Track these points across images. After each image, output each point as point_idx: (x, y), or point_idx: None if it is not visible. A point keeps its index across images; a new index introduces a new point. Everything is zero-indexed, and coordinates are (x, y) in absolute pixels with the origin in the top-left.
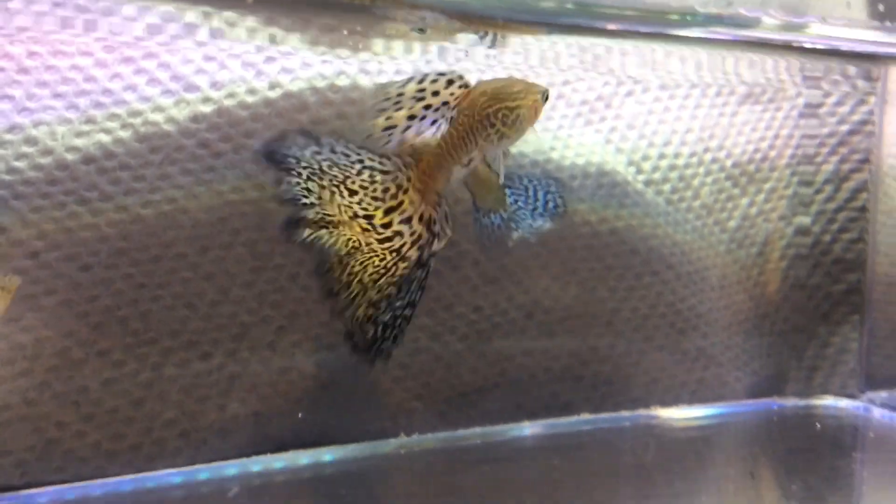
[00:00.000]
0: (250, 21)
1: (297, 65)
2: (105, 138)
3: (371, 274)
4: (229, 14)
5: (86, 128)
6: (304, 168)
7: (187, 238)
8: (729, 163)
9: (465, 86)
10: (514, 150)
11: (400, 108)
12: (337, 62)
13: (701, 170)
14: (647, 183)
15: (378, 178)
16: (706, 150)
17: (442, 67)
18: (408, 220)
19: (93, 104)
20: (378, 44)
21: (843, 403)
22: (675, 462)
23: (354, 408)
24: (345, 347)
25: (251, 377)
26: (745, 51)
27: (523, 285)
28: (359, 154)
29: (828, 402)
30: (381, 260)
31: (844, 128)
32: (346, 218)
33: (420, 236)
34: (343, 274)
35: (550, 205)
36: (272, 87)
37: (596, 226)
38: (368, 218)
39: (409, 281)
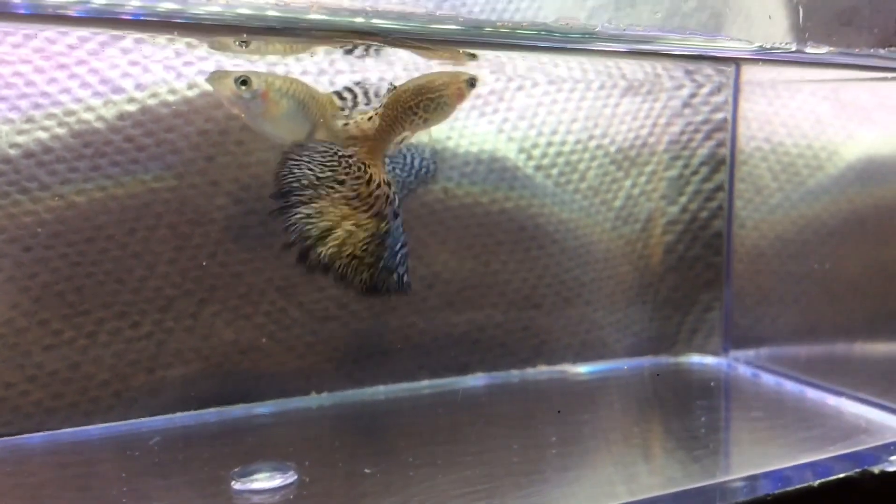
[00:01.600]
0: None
1: (212, 67)
2: (43, 135)
3: (363, 245)
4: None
5: (26, 126)
6: (305, 189)
7: (116, 221)
8: (612, 149)
9: (394, 87)
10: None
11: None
12: (246, 64)
13: (586, 155)
14: (537, 168)
15: (351, 161)
16: (591, 137)
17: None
18: (378, 186)
19: (32, 105)
20: (279, 48)
21: (709, 360)
22: (552, 409)
23: (272, 370)
24: (261, 317)
25: (176, 344)
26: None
27: (424, 260)
28: (331, 147)
29: (694, 359)
30: (366, 230)
31: (719, 115)
32: (341, 211)
33: (388, 195)
34: (343, 258)
35: (423, 171)
36: (190, 87)
37: (488, 206)
38: (359, 196)
39: (395, 226)
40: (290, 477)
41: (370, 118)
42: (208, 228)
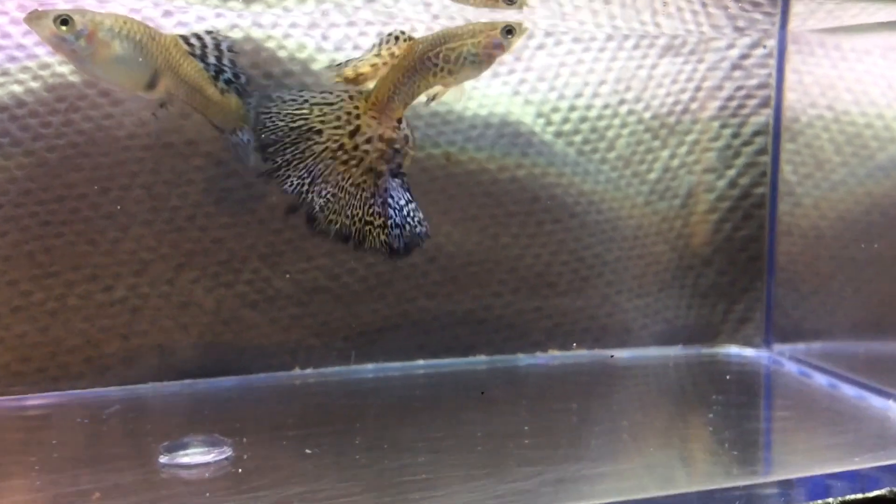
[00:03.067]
0: None
1: (192, 19)
2: (17, 89)
3: (368, 207)
4: None
5: (1, 80)
6: (286, 146)
7: (88, 180)
8: (647, 115)
9: (409, 38)
10: None
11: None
12: (230, 15)
13: (616, 122)
14: (557, 134)
15: (328, 108)
16: (622, 102)
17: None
18: (369, 140)
19: (7, 58)
20: None
21: (748, 353)
22: (553, 398)
23: (255, 343)
24: (243, 286)
25: (152, 310)
26: None
27: None
28: (300, 94)
29: (732, 351)
30: (365, 189)
31: (774, 80)
32: (331, 167)
33: (384, 152)
34: (357, 224)
35: None
36: None
37: (496, 174)
38: (343, 147)
39: (394, 186)
40: (223, 453)
41: (373, 65)
42: (186, 190)
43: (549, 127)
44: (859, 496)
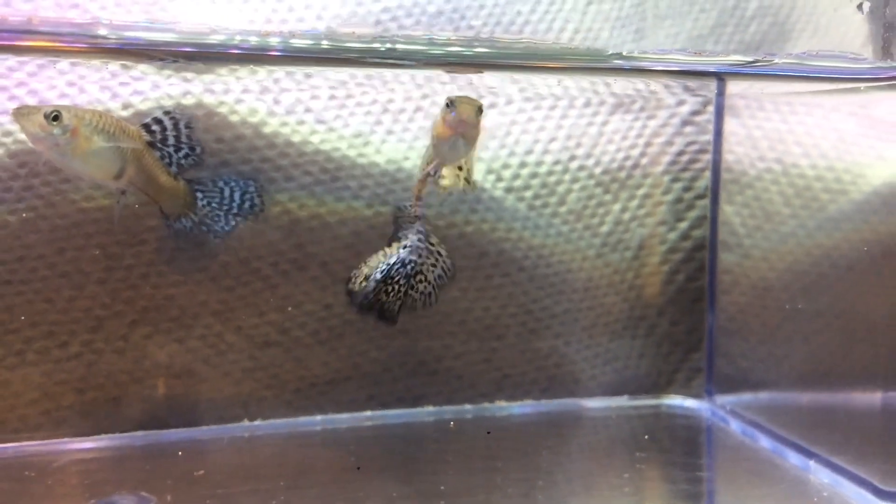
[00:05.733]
0: (104, 57)
1: (148, 87)
2: None
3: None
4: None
5: None
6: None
7: (46, 241)
8: (598, 170)
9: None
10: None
11: None
12: (183, 84)
13: (567, 177)
14: (508, 190)
15: None
16: (572, 158)
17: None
18: None
19: None
20: (222, 68)
21: (690, 404)
22: (504, 447)
23: (208, 395)
24: (195, 341)
25: (107, 365)
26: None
27: None
28: None
29: (675, 402)
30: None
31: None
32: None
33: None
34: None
35: (247, 205)
36: (125, 107)
37: (444, 230)
38: None
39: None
40: None
41: None
42: (140, 249)
43: (500, 183)
44: None
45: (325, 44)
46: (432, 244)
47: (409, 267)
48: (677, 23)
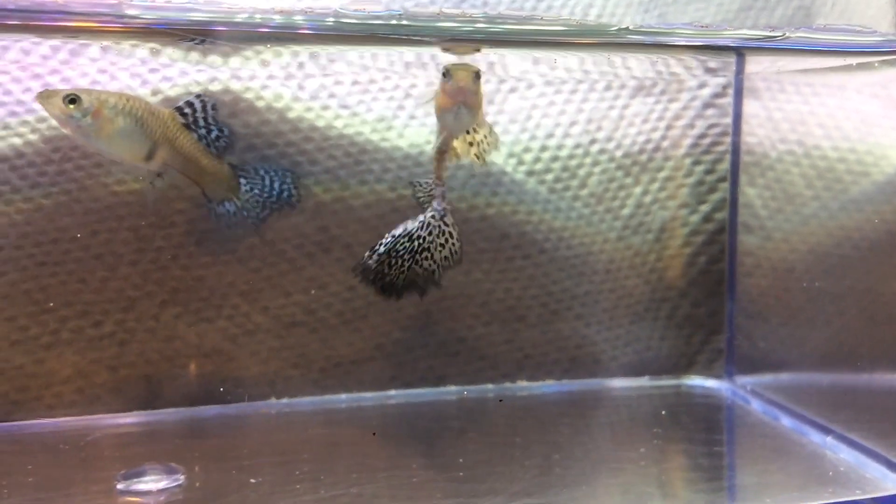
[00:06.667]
0: (133, 38)
1: (176, 73)
2: (17, 141)
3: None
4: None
5: (3, 133)
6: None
7: (79, 224)
8: (619, 153)
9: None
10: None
11: None
12: (210, 70)
13: (587, 160)
14: (529, 173)
15: None
16: (593, 141)
17: None
18: None
19: (8, 113)
20: (248, 52)
21: (711, 384)
22: (524, 425)
23: (235, 374)
24: (223, 321)
25: (139, 344)
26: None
27: None
28: None
29: (695, 382)
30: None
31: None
32: None
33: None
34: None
35: (284, 194)
36: (154, 93)
37: (466, 213)
38: None
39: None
40: (175, 481)
41: None
42: (170, 232)
43: (521, 166)
44: None
45: (329, 21)
46: (446, 224)
47: (416, 242)
48: (702, 7)
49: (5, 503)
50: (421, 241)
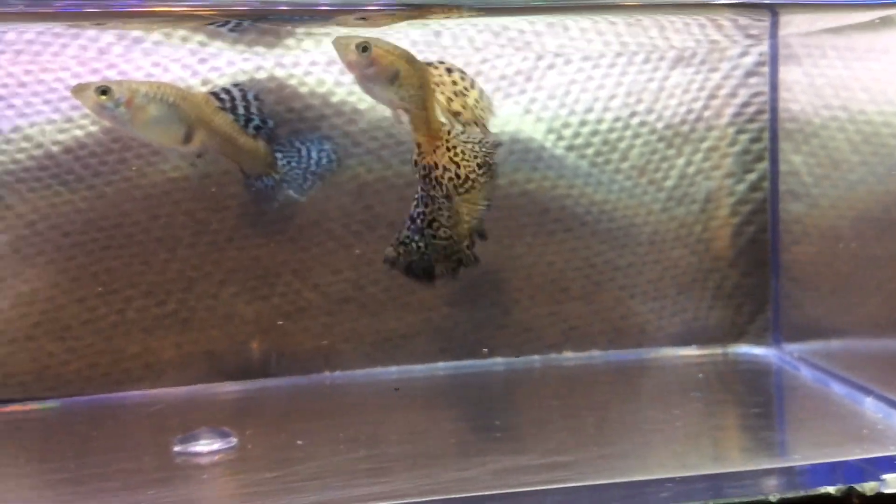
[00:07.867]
0: (182, 31)
1: (224, 63)
2: (80, 133)
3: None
4: (165, 28)
5: (66, 125)
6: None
7: (140, 209)
8: (660, 125)
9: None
10: None
11: None
12: (255, 59)
13: (628, 133)
14: (569, 148)
15: None
16: (633, 114)
17: None
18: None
19: (71, 107)
20: (290, 41)
21: (758, 352)
22: (564, 392)
23: (291, 348)
24: (277, 298)
25: (200, 321)
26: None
27: None
28: None
29: (742, 350)
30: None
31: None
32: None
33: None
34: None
35: (324, 161)
36: (204, 83)
37: (506, 189)
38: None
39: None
40: (228, 443)
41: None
42: (224, 215)
43: (561, 142)
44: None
45: None
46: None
47: (419, 221)
48: None
49: (70, 462)
50: (422, 216)
